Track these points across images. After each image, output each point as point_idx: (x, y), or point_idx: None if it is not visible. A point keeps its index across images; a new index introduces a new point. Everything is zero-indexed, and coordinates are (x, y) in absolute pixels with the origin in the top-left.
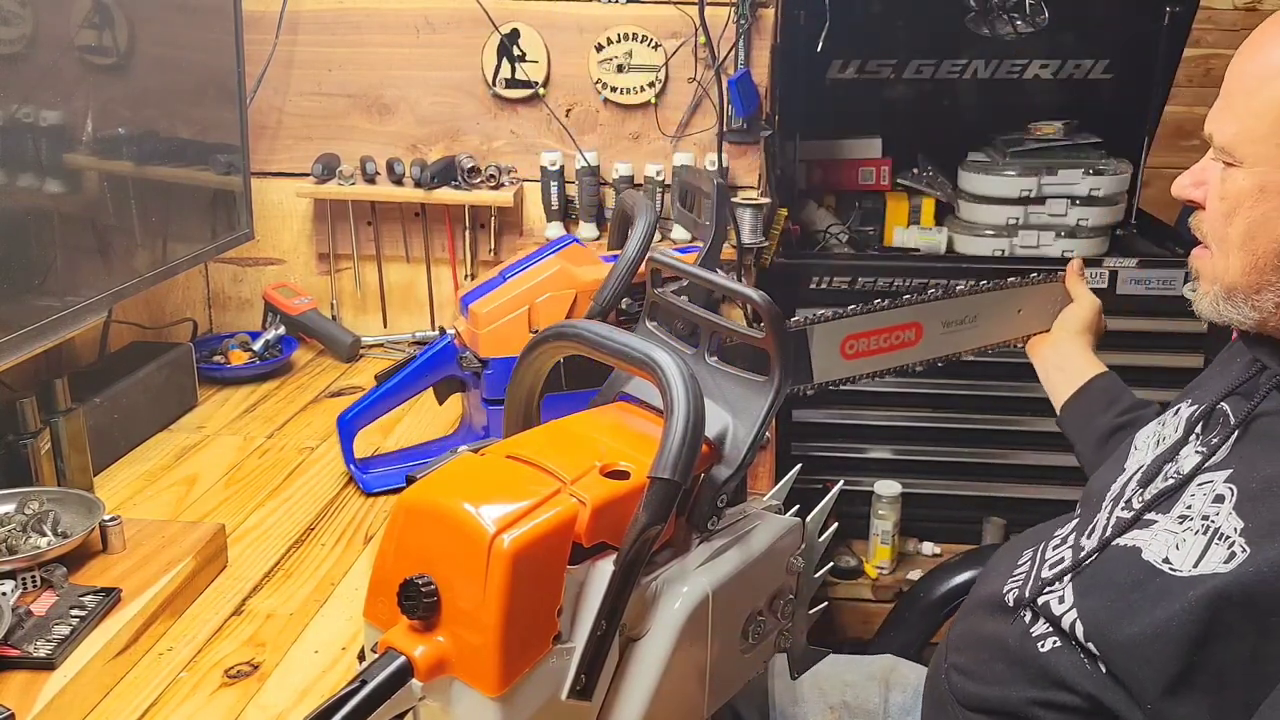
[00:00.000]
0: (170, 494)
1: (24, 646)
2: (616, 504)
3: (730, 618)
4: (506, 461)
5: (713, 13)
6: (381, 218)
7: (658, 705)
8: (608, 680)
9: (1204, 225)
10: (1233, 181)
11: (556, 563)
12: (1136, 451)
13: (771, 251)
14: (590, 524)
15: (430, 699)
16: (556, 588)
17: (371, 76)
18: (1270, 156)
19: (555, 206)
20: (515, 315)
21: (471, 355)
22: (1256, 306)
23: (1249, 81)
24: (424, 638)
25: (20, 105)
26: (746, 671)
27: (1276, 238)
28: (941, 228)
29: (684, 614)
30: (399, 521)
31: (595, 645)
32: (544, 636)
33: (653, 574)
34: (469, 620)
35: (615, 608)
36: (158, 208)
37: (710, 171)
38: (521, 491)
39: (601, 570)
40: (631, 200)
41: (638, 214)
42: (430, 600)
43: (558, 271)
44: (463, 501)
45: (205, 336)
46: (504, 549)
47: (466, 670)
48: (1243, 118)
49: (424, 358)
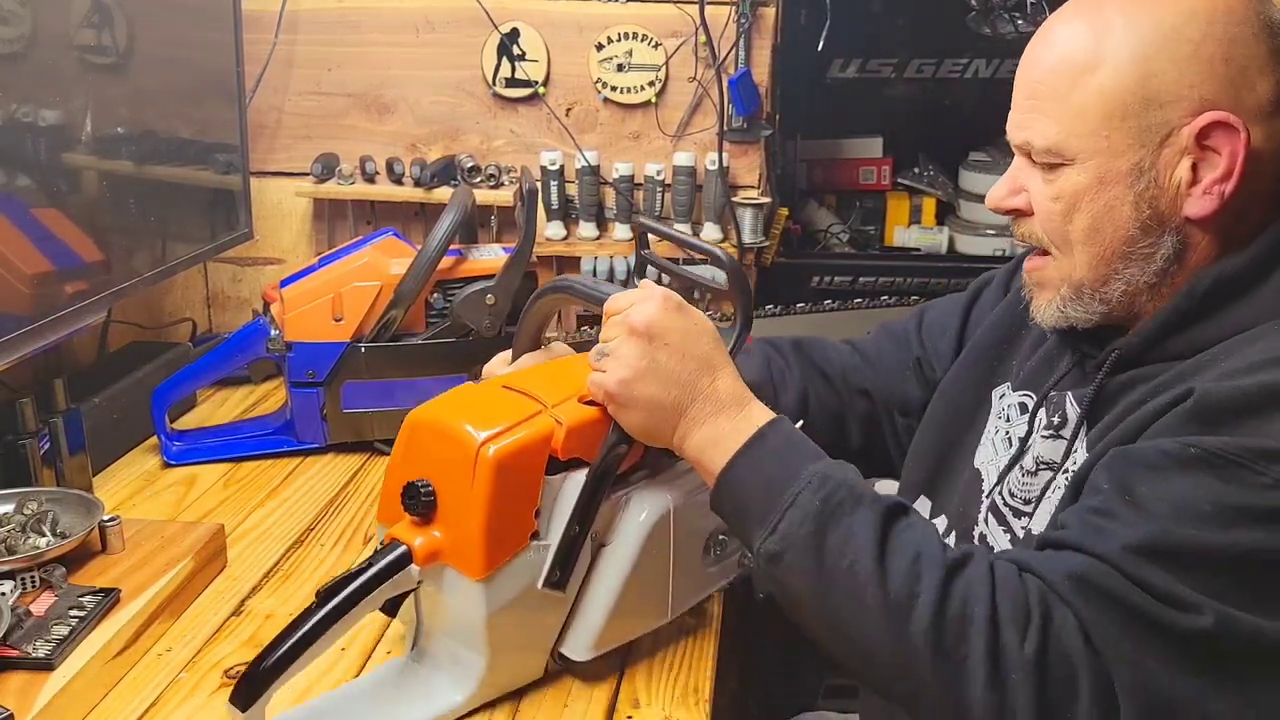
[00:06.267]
0: (170, 494)
1: (23, 647)
2: (589, 426)
3: (692, 532)
4: (500, 389)
5: (713, 12)
6: (381, 217)
7: (623, 602)
8: (580, 577)
9: (1035, 230)
10: (1066, 180)
11: (534, 471)
12: (984, 449)
13: (772, 251)
14: (565, 441)
15: (427, 583)
16: (534, 492)
17: (371, 76)
18: (1103, 147)
19: (555, 206)
20: (320, 302)
21: (279, 338)
22: (1104, 299)
23: (1057, 81)
24: (422, 531)
25: (19, 105)
26: (710, 583)
27: (1121, 224)
28: (943, 227)
29: (648, 524)
30: (406, 436)
31: (568, 544)
32: (523, 533)
33: (624, 490)
34: (459, 517)
35: (586, 513)
36: (157, 207)
37: (529, 178)
38: (508, 412)
39: (575, 480)
40: (455, 196)
41: (446, 209)
42: (428, 500)
43: (367, 263)
44: (457, 419)
45: (204, 336)
46: (489, 457)
47: (456, 558)
48: (1062, 118)
49: (233, 339)
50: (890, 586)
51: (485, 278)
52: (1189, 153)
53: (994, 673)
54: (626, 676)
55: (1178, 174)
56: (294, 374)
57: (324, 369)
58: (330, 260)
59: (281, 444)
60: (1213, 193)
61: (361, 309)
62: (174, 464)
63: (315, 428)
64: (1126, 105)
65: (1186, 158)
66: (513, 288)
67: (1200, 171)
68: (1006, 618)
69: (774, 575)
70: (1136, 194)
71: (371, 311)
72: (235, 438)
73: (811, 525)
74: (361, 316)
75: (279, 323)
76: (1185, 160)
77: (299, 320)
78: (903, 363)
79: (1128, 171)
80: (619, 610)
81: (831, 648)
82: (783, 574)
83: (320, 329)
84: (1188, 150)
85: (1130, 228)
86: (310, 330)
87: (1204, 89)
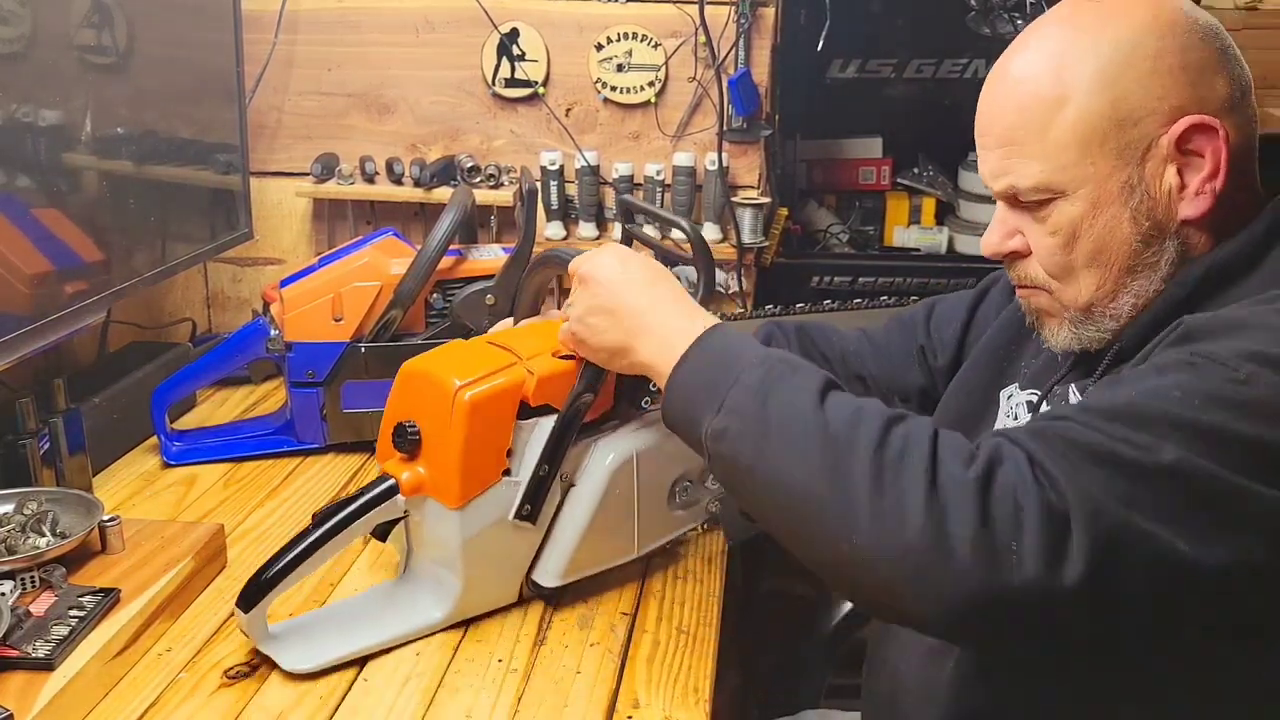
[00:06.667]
0: (169, 494)
1: (23, 647)
2: (559, 377)
3: (656, 476)
4: (484, 344)
5: (713, 12)
6: (381, 217)
7: (590, 536)
8: (550, 513)
9: (1033, 270)
10: (1060, 213)
11: (505, 414)
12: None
13: (772, 251)
14: (536, 389)
15: (413, 512)
16: (506, 433)
17: (371, 76)
18: (1090, 174)
19: (555, 206)
20: (320, 302)
21: (279, 338)
22: (1114, 315)
23: (1028, 122)
24: (408, 466)
25: (19, 105)
26: (676, 525)
27: (1124, 240)
28: (942, 227)
29: (613, 467)
30: (399, 383)
31: (537, 481)
32: (495, 469)
33: (593, 436)
34: (439, 453)
35: (554, 453)
36: (157, 207)
37: (529, 180)
38: (486, 363)
39: (544, 425)
40: (456, 195)
41: (446, 209)
42: (414, 438)
43: (367, 263)
44: (440, 368)
45: (204, 336)
46: (464, 400)
47: (436, 489)
48: (1044, 156)
49: (233, 339)
50: (831, 431)
51: (485, 278)
52: (1171, 160)
53: (931, 496)
54: (626, 676)
55: (1165, 181)
56: (294, 374)
57: (324, 369)
58: (330, 260)
59: (281, 444)
60: (1205, 192)
61: (361, 309)
62: (174, 464)
63: (315, 428)
64: (1104, 131)
65: (1170, 165)
66: (513, 288)
67: (1186, 175)
68: (948, 451)
69: (720, 453)
70: (1133, 209)
71: (371, 311)
72: (235, 438)
73: (755, 395)
74: (361, 316)
75: (279, 323)
76: (1170, 167)
77: (299, 320)
78: (907, 350)
79: (1119, 190)
80: (586, 544)
81: (774, 518)
82: (728, 447)
83: (320, 329)
84: (1169, 158)
85: (1133, 242)
86: (310, 330)
87: (1172, 98)
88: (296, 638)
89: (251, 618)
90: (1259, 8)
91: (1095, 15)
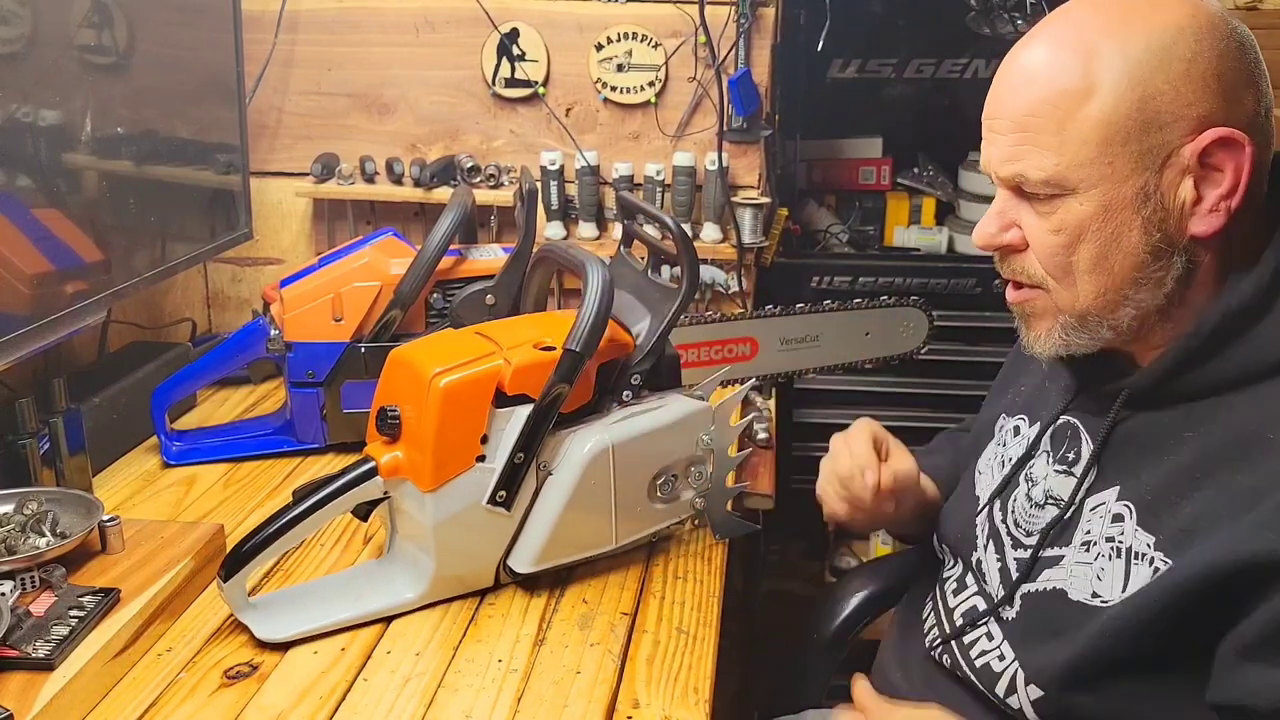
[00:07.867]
0: (169, 494)
1: (23, 647)
2: (536, 367)
3: (634, 470)
4: (471, 334)
5: (713, 12)
6: (381, 217)
7: (565, 525)
8: (526, 501)
9: (1029, 266)
10: (1068, 211)
11: (480, 402)
12: (982, 476)
13: (772, 251)
14: (513, 378)
15: (392, 494)
16: (480, 420)
17: (371, 76)
18: (1106, 174)
19: (555, 206)
20: (320, 302)
21: (278, 338)
22: (1113, 325)
23: (1049, 112)
24: (389, 449)
25: (19, 105)
26: (657, 520)
27: (1131, 250)
28: (942, 227)
29: (589, 457)
30: (386, 370)
31: (511, 469)
32: (469, 454)
33: (572, 427)
34: (416, 437)
35: (529, 442)
36: (157, 207)
37: (529, 178)
38: (465, 352)
39: (520, 414)
40: (457, 195)
41: (446, 209)
42: (394, 423)
43: (367, 263)
44: (421, 356)
45: (204, 336)
46: (439, 387)
47: (413, 472)
48: (1060, 149)
49: (233, 339)
50: None
51: (485, 278)
52: (1190, 172)
53: None
54: (626, 676)
55: (1181, 194)
56: (294, 374)
57: (324, 369)
58: (330, 260)
59: (281, 444)
60: (1220, 209)
61: (361, 309)
62: (174, 464)
63: (315, 428)
64: (1127, 130)
65: (1188, 177)
66: (513, 288)
67: (1203, 189)
68: None
69: None
70: (1144, 219)
71: (371, 311)
72: (235, 438)
73: None
74: (361, 317)
75: (279, 323)
76: (1187, 180)
77: (299, 320)
78: None
79: (1133, 197)
80: (561, 531)
81: None
82: None
83: (320, 329)
84: (1189, 170)
85: (1141, 253)
86: (310, 330)
87: (1200, 107)
88: (274, 609)
89: (230, 586)
90: (1259, 8)
91: (1131, 8)
